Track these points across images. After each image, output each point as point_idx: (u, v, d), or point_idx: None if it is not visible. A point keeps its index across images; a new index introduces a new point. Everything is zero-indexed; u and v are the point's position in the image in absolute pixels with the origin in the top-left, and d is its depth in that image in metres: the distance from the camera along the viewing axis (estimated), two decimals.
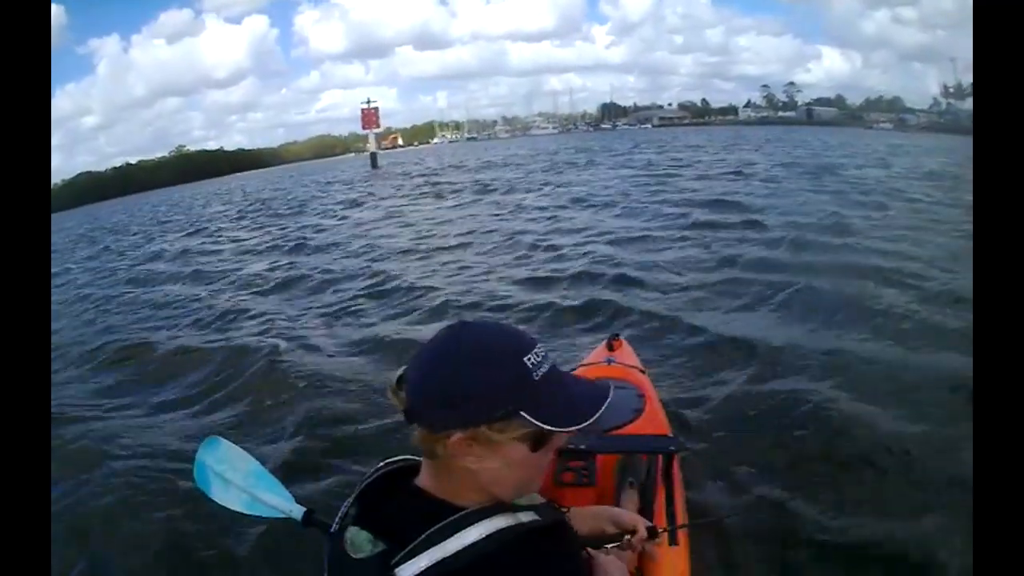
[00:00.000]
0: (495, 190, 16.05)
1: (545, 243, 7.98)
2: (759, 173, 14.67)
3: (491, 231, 9.46)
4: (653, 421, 1.94)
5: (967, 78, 67.16)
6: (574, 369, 2.35)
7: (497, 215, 11.40)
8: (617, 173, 17.61)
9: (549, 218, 10.19)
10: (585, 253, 7.02)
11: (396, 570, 0.66)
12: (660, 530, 1.09)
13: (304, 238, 11.03)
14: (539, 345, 0.73)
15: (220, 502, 1.04)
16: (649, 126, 78.89)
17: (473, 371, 0.69)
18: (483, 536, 0.69)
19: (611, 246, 7.34)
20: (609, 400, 0.74)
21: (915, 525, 2.10)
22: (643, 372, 2.29)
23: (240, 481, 1.04)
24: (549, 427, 0.70)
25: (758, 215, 8.52)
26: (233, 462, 1.06)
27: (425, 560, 0.66)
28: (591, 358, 2.42)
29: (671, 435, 1.86)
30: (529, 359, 0.70)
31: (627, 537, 1.04)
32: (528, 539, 0.72)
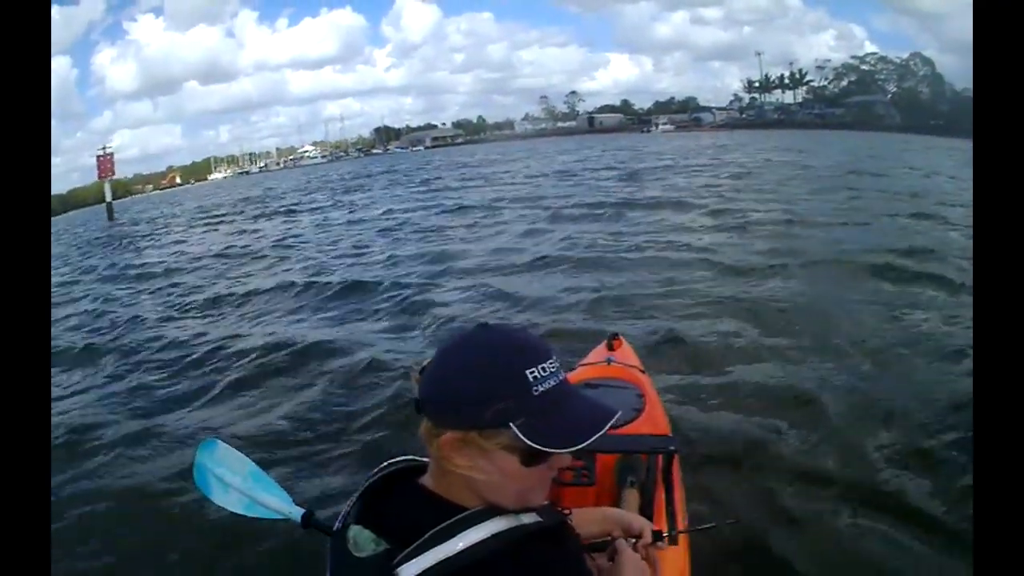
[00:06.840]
0: None
1: None
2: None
3: None
4: (653, 421, 1.93)
5: (774, 71, 67.12)
6: (573, 369, 2.34)
7: None
8: None
9: None
10: None
11: (398, 570, 0.66)
12: (664, 535, 1.08)
13: None
14: (551, 360, 0.72)
15: (220, 503, 1.04)
16: (421, 148, 75.99)
17: (472, 375, 0.70)
18: (485, 537, 0.69)
19: None
20: (607, 427, 0.71)
21: (917, 530, 2.09)
22: (643, 372, 2.29)
23: (239, 483, 1.04)
24: (534, 445, 0.68)
25: None
26: (231, 464, 1.06)
27: (427, 560, 0.66)
28: (591, 358, 2.41)
29: (671, 435, 1.86)
30: (533, 372, 0.69)
31: (633, 541, 1.03)
32: (530, 541, 0.72)
